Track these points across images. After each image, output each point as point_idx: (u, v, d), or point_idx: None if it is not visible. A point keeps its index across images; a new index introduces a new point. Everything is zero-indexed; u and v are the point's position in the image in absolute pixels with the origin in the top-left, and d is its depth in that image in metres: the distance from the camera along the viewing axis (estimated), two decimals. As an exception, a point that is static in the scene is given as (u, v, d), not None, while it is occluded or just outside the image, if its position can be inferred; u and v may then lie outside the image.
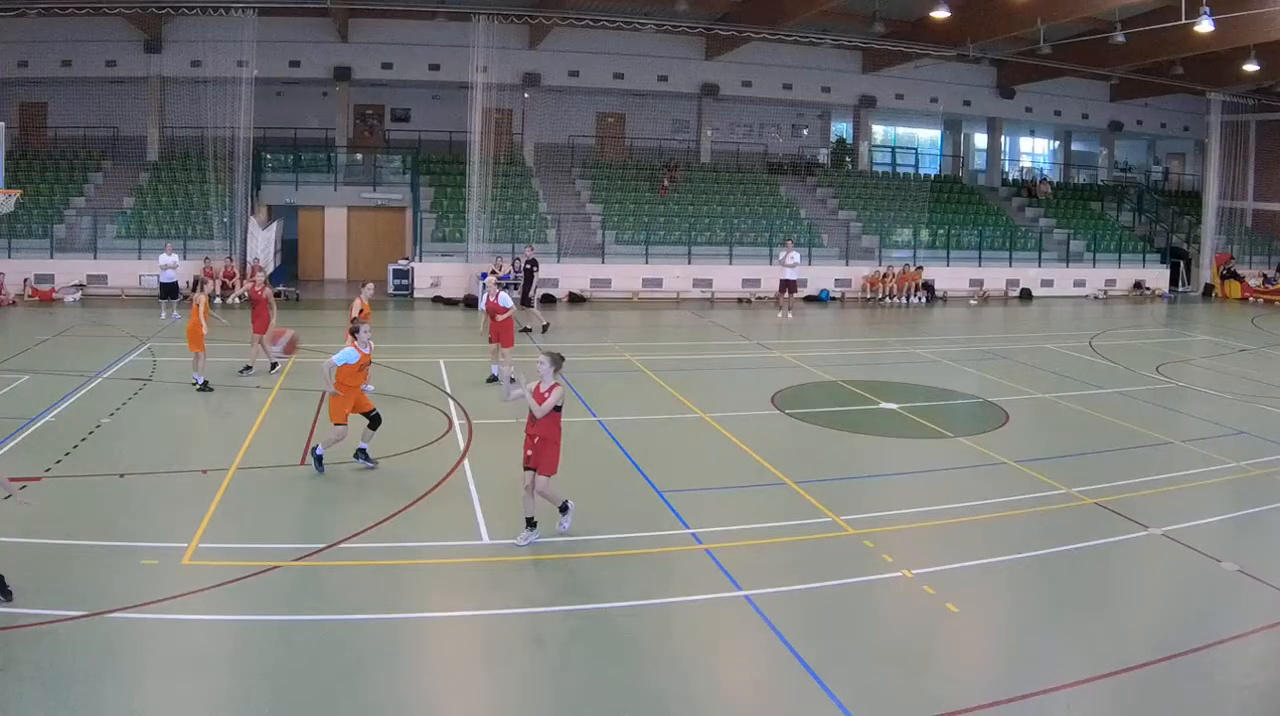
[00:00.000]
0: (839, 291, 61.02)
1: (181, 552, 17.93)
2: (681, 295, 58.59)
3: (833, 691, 13.54)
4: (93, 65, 63.23)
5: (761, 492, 22.36)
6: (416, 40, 63.78)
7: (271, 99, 62.02)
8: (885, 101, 73.43)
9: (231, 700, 13.47)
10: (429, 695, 14.02)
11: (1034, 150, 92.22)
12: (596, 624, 15.87)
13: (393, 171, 65.05)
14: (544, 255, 57.15)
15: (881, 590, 17.30)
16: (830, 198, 69.89)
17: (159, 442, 25.14)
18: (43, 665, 13.83)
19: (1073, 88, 75.64)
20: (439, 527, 20.04)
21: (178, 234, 56.06)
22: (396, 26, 63.42)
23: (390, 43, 64.36)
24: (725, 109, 72.81)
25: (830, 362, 38.09)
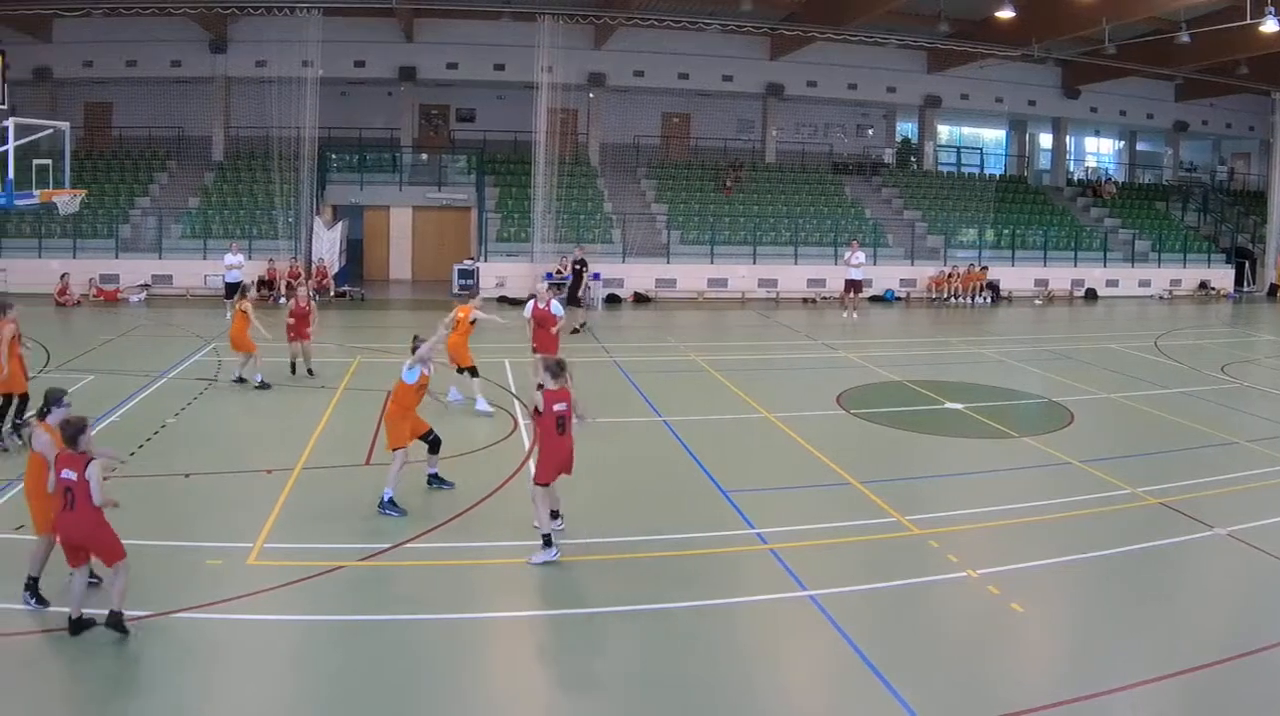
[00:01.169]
0: (904, 291, 60.85)
1: (246, 552, 18.10)
2: (747, 295, 58.50)
3: (898, 691, 13.55)
4: (158, 65, 63.82)
5: (826, 492, 22.35)
6: (481, 40, 63.95)
7: (336, 99, 62.30)
8: (950, 101, 73.15)
9: (296, 700, 13.68)
10: (492, 695, 14.09)
11: (1099, 150, 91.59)
12: (661, 624, 15.92)
13: (458, 171, 65.09)
14: (609, 256, 57.67)
15: (946, 590, 17.29)
16: (895, 198, 69.70)
17: (224, 443, 25.31)
18: (109, 665, 14.06)
19: (1138, 88, 75.11)
20: (503, 527, 20.05)
21: (243, 234, 56.48)
22: (461, 26, 63.64)
23: (455, 43, 64.50)
24: (790, 109, 72.60)
25: (895, 362, 38.09)
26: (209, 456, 23.93)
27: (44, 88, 62.85)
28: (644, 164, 69.32)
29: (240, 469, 23.18)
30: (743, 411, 29.91)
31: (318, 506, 21.06)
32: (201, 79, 64.69)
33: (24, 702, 13.28)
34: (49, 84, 63.31)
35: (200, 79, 64.71)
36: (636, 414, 28.77)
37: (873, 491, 21.95)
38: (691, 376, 35.08)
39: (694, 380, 34.47)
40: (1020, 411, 31.18)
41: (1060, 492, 22.49)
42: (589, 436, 24.87)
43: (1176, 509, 21.20)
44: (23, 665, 14.21)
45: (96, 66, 63.40)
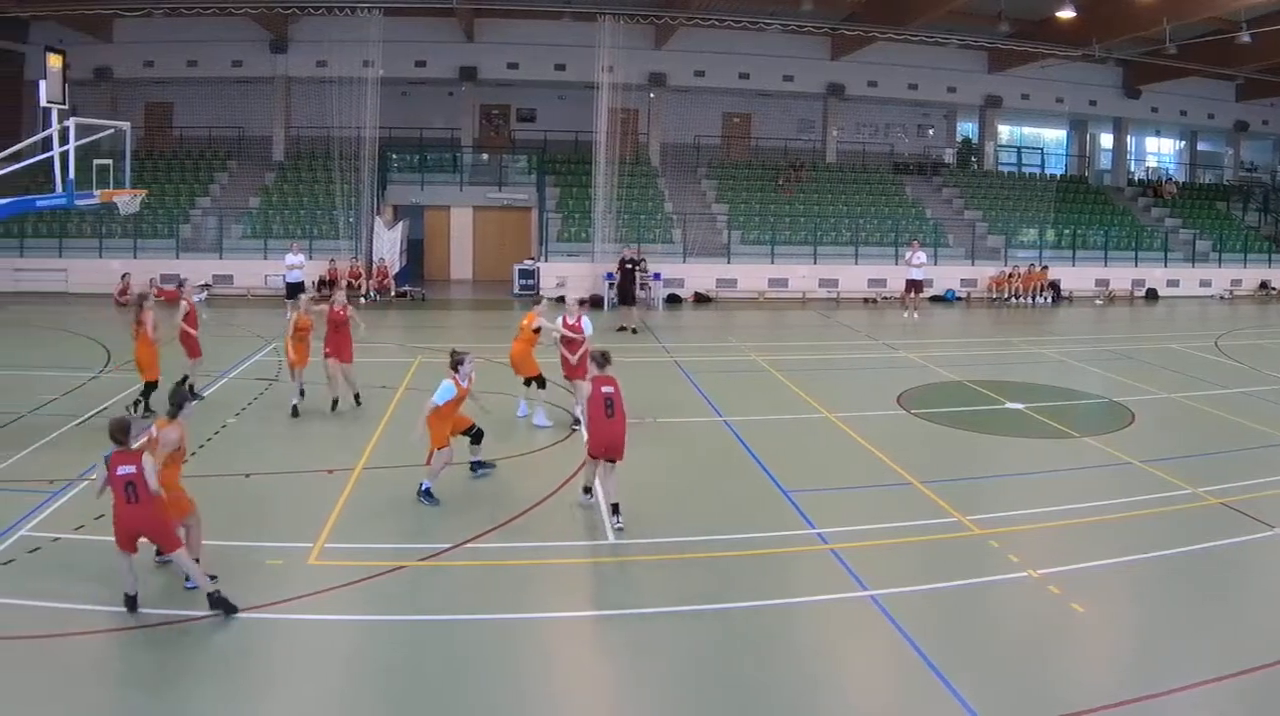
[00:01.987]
0: (964, 291, 60.68)
1: (307, 552, 18.25)
2: (807, 295, 58.40)
3: (958, 691, 13.59)
4: (218, 65, 64.54)
5: (887, 492, 22.37)
6: (542, 40, 64.14)
7: (397, 99, 62.71)
8: (1011, 101, 72.91)
9: (357, 699, 13.78)
10: (552, 695, 14.17)
11: (1159, 150, 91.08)
12: (721, 624, 15.97)
13: (518, 171, 65.44)
14: (670, 256, 57.75)
15: (1007, 590, 17.30)
16: (956, 198, 69.53)
17: (285, 443, 25.54)
18: (170, 665, 14.24)
19: (1199, 88, 74.65)
20: (564, 528, 20.20)
21: (303, 234, 56.82)
22: (522, 26, 63.83)
23: (516, 43, 64.79)
24: (851, 109, 72.49)
25: (956, 362, 38.04)
26: (270, 456, 24.19)
27: (105, 88, 63.59)
28: (704, 164, 69.37)
29: (301, 469, 23.38)
30: (803, 411, 29.93)
31: (379, 506, 21.19)
32: (262, 79, 65.43)
33: (87, 700, 13.51)
34: (110, 84, 64.06)
35: (261, 79, 65.45)
36: (698, 414, 28.82)
37: (933, 491, 21.98)
38: (752, 376, 35.12)
39: (755, 380, 34.50)
40: (1081, 411, 31.06)
41: (1121, 493, 22.44)
42: (651, 436, 25.07)
43: (1237, 509, 21.13)
44: (87, 664, 14.46)
45: (157, 66, 64.17)
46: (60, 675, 14.04)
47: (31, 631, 14.93)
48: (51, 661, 14.36)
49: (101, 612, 15.48)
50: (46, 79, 26.36)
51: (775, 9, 60.25)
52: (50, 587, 16.01)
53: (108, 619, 15.38)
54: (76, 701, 13.45)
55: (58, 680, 13.88)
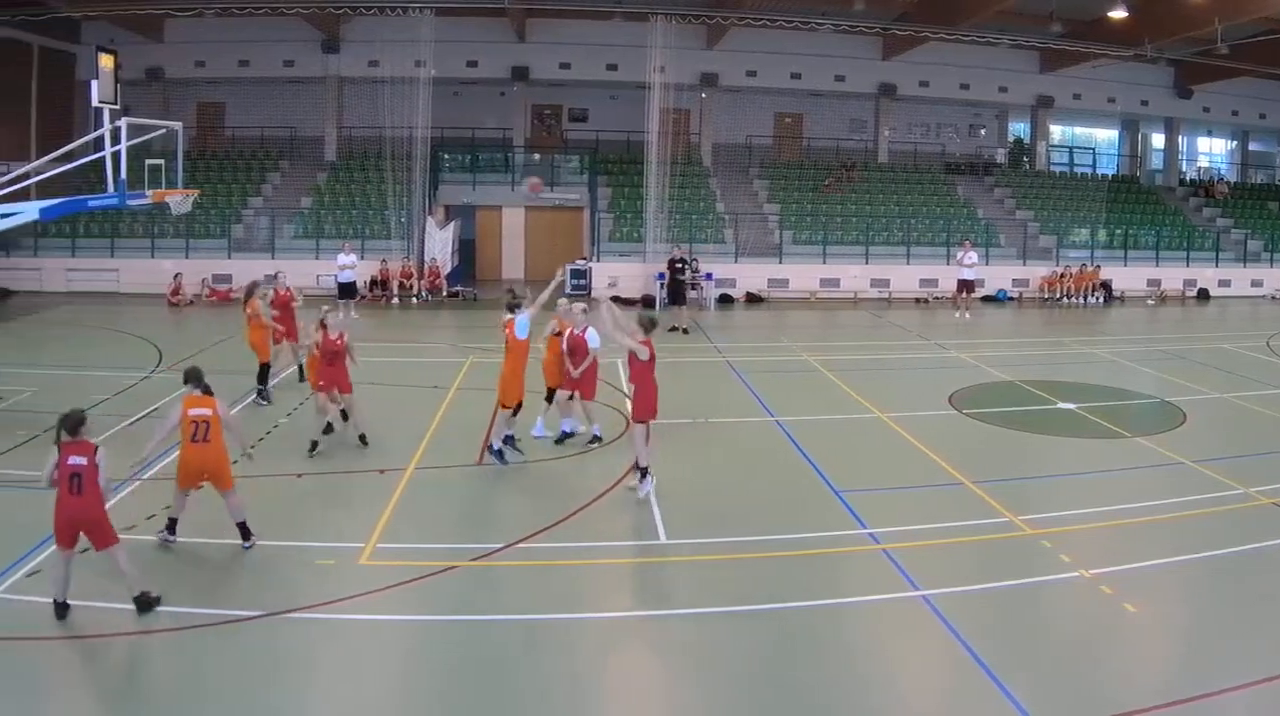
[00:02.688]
0: (1016, 291, 60.43)
1: (358, 553, 18.35)
2: (859, 295, 58.21)
3: (1010, 691, 13.64)
4: (270, 65, 64.94)
5: (939, 492, 22.41)
6: (594, 40, 64.21)
7: (449, 99, 62.59)
8: (1063, 101, 72.58)
9: (409, 699, 13.92)
10: (605, 695, 14.30)
11: (1211, 150, 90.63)
12: (773, 624, 16.04)
13: (570, 171, 65.29)
14: (722, 256, 57.79)
15: (1059, 590, 17.33)
16: (1008, 198, 69.25)
17: (336, 443, 25.44)
18: (222, 665, 14.36)
19: (1250, 87, 74.01)
20: (616, 527, 20.34)
21: (355, 234, 56.94)
22: (574, 26, 63.93)
23: (568, 43, 64.89)
24: (902, 109, 72.29)
25: (1007, 362, 37.94)
26: (321, 456, 24.28)
27: (156, 88, 64.03)
28: (756, 164, 69.37)
29: (352, 469, 23.50)
30: (855, 411, 29.98)
31: (430, 506, 21.35)
32: (314, 79, 65.78)
33: (135, 701, 13.70)
34: (161, 84, 64.49)
35: (313, 79, 65.78)
36: (750, 414, 28.85)
37: (985, 491, 22.02)
38: (804, 376, 35.14)
39: (807, 380, 34.53)
40: (1133, 411, 30.99)
41: (1173, 493, 22.42)
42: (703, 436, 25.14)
43: (1290, 510, 21.08)
44: (134, 664, 14.67)
45: (209, 66, 64.61)
46: (111, 674, 14.38)
47: (83, 631, 15.16)
48: (98, 662, 14.66)
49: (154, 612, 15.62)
50: (98, 79, 26.53)
51: (827, 9, 60.16)
52: (98, 587, 16.10)
53: (156, 619, 15.56)
54: (122, 702, 13.72)
55: (109, 679, 14.22)
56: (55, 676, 14.16)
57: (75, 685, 14.03)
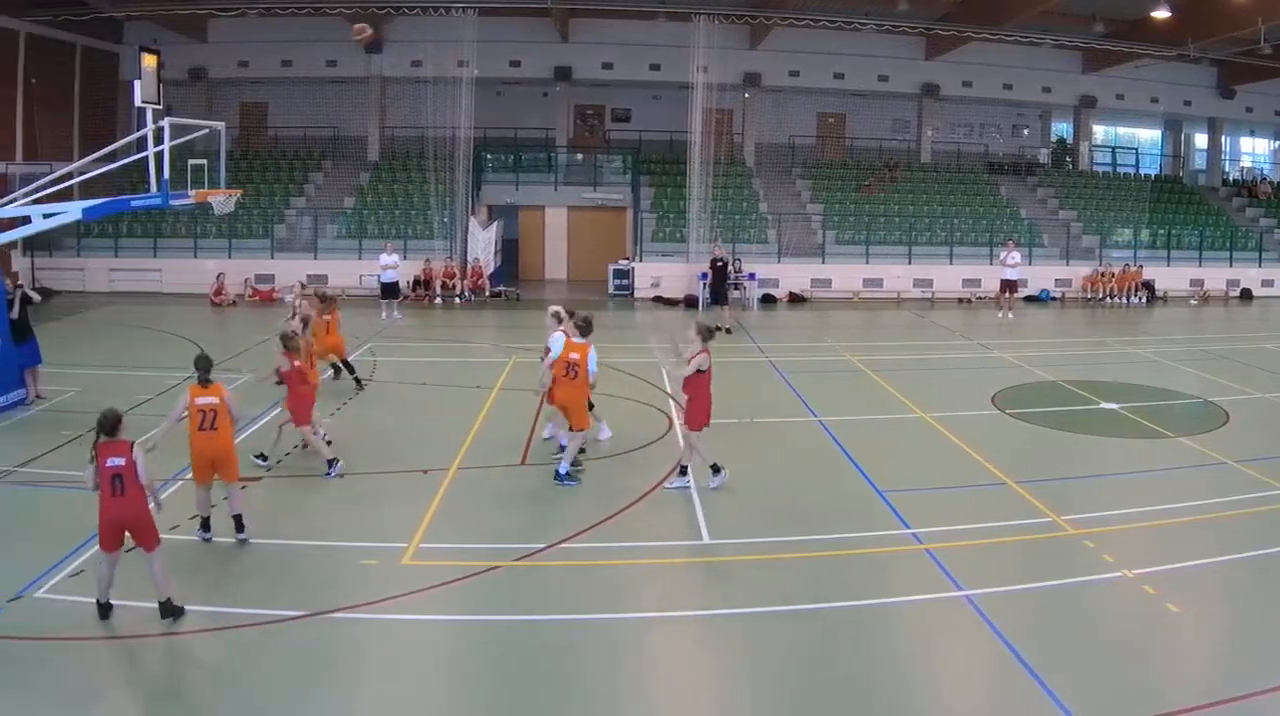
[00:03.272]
0: (1059, 291, 60.29)
1: (401, 553, 18.44)
2: (902, 295, 58.16)
3: (1053, 691, 13.67)
4: (313, 65, 65.08)
5: (982, 492, 22.44)
6: (637, 40, 64.15)
7: (492, 99, 63.14)
8: (1106, 101, 72.23)
9: (451, 699, 14.04)
10: (647, 696, 14.35)
11: (1254, 150, 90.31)
12: (816, 624, 16.10)
13: (613, 171, 65.44)
14: (765, 256, 57.89)
15: (1102, 590, 17.32)
16: (1050, 198, 68.98)
17: (379, 443, 25.71)
18: (266, 665, 14.51)
19: (1293, 87, 74.15)
20: (659, 527, 20.33)
21: (398, 234, 57.19)
22: (617, 26, 63.92)
23: (611, 43, 64.88)
24: (945, 109, 72.07)
25: (1050, 362, 37.93)
26: (364, 456, 24.33)
27: (200, 88, 64.51)
28: (799, 164, 69.34)
29: (396, 469, 23.57)
30: (898, 411, 30.00)
31: (473, 506, 21.43)
32: (357, 79, 65.96)
33: (177, 702, 13.80)
34: (205, 84, 64.98)
35: (355, 79, 65.98)
36: (793, 414, 28.89)
37: (1028, 491, 22.06)
38: (847, 376, 35.16)
39: (849, 380, 34.56)
40: (1176, 411, 30.93)
41: (1216, 492, 22.40)
42: (746, 436, 25.17)
43: (1334, 510, 21.04)
44: (179, 664, 14.78)
45: (252, 66, 64.94)
46: (154, 674, 14.50)
47: (126, 631, 15.28)
48: (146, 660, 14.78)
49: (194, 612, 15.75)
50: (141, 79, 26.71)
51: (870, 9, 60.12)
52: (145, 587, 16.18)
53: (200, 619, 15.67)
54: (167, 701, 13.82)
55: (152, 679, 14.34)
56: (98, 677, 14.28)
57: (118, 686, 14.17)
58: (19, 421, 27.23)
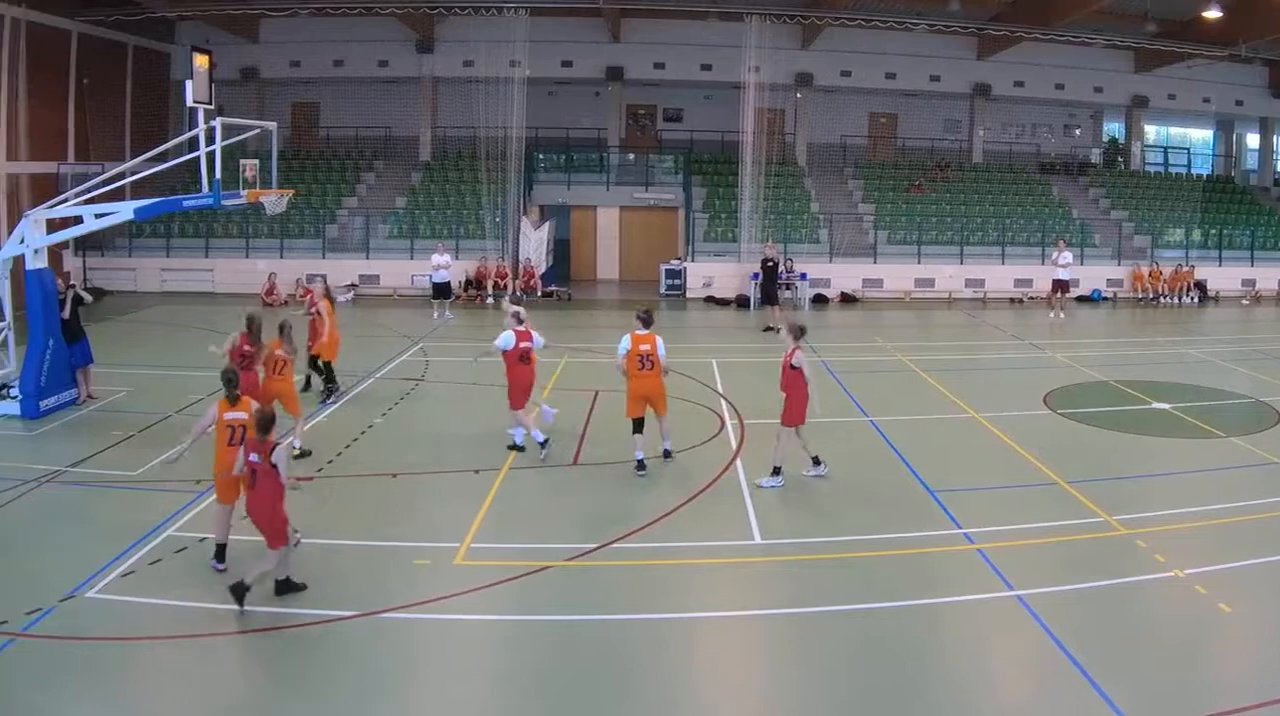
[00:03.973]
0: (1111, 291, 60.12)
1: (453, 552, 18.59)
2: (953, 295, 58.06)
3: (1105, 690, 13.70)
4: (364, 65, 65.20)
5: (1033, 492, 22.47)
6: (688, 40, 64.11)
7: (543, 99, 63.17)
8: (1157, 101, 71.76)
9: (503, 699, 14.14)
10: (700, 695, 14.42)
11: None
12: (868, 623, 16.19)
13: (665, 171, 65.40)
14: (816, 256, 57.71)
15: (1154, 590, 17.35)
16: (1102, 198, 68.68)
17: (431, 443, 25.92)
18: (317, 665, 14.68)
19: (1345, 87, 73.67)
20: (711, 527, 20.40)
21: (450, 234, 57.34)
22: (668, 27, 63.87)
23: (662, 43, 64.78)
24: (997, 109, 71.73)
25: (1102, 362, 37.85)
26: (416, 456, 24.55)
27: (251, 88, 64.78)
28: (851, 164, 69.21)
29: (447, 469, 23.72)
30: (949, 411, 30.07)
31: (524, 506, 21.57)
32: (408, 79, 66.05)
33: (232, 700, 13.97)
34: (256, 84, 65.25)
35: (407, 79, 66.07)
36: (844, 414, 28.89)
37: (1080, 491, 22.08)
38: (899, 376, 35.18)
39: (901, 380, 34.58)
40: (1227, 411, 30.74)
41: (1268, 492, 22.38)
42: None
43: (1386, 510, 21.01)
44: (233, 663, 15.00)
45: (303, 67, 65.11)
46: (205, 674, 14.56)
47: (177, 631, 15.43)
48: (197, 661, 14.89)
49: (246, 612, 15.92)
50: (193, 79, 26.94)
51: (922, 9, 60.01)
52: (196, 587, 16.52)
53: (252, 619, 15.83)
54: (221, 701, 13.93)
55: (203, 679, 14.40)
56: (150, 677, 14.47)
57: (170, 686, 14.29)
58: (71, 421, 27.53)
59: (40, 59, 50.81)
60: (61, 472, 22.39)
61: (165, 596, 16.28)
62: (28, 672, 14.16)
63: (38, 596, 16.17)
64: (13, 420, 27.30)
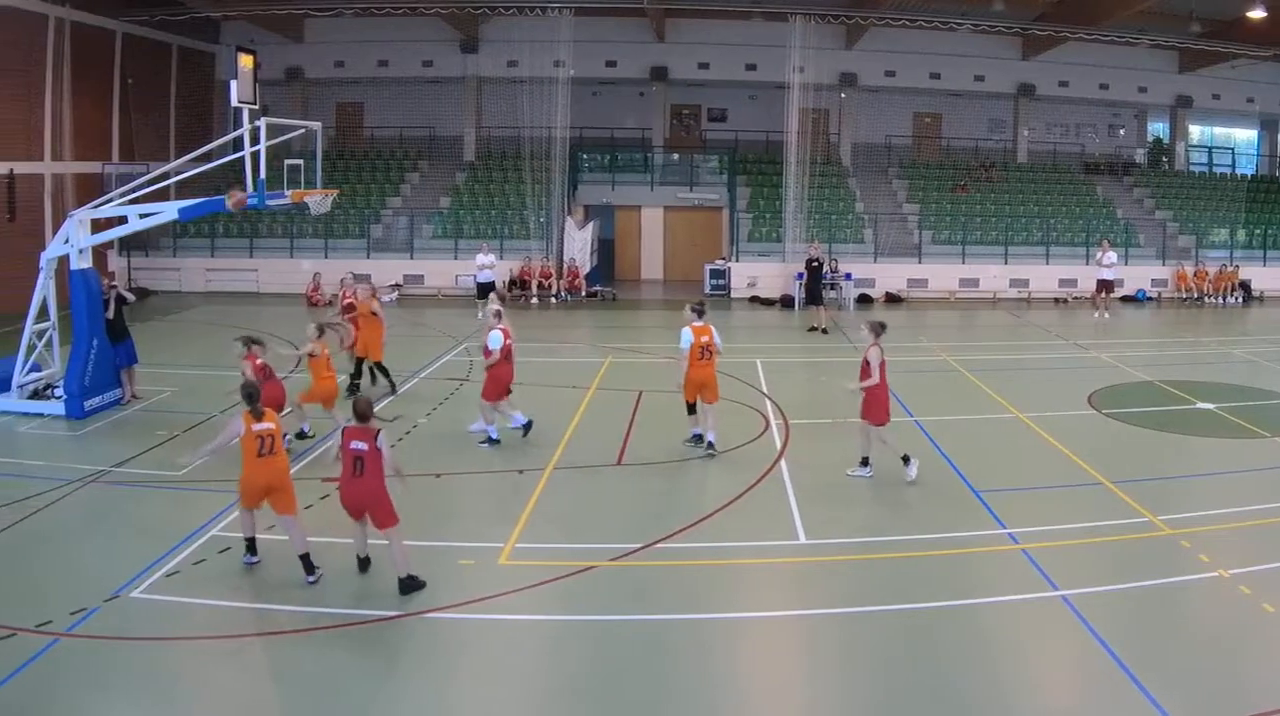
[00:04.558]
0: (1155, 291, 59.98)
1: (498, 552, 18.74)
2: (998, 295, 57.93)
3: (1149, 690, 13.76)
4: (409, 65, 65.72)
5: (1078, 492, 22.51)
6: (733, 40, 64.29)
7: (588, 99, 63.45)
8: (1202, 101, 71.47)
9: (546, 699, 14.23)
10: (742, 695, 14.52)
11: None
12: (912, 623, 16.28)
13: (709, 171, 65.30)
14: (861, 256, 57.83)
15: (1198, 590, 17.42)
16: (1147, 198, 68.36)
17: (475, 443, 25.90)
18: (362, 664, 14.79)
19: (1389, 86, 73.35)
20: (755, 527, 20.49)
21: (494, 234, 57.47)
22: (712, 27, 64.05)
23: (706, 43, 64.99)
24: (1041, 108, 71.50)
25: (1146, 362, 37.81)
26: (460, 456, 24.71)
27: (296, 88, 65.42)
28: (895, 164, 69.17)
29: (491, 469, 23.93)
30: (994, 411, 30.14)
31: (569, 506, 21.71)
32: (453, 79, 66.51)
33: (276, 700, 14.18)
34: (301, 84, 65.90)
35: (451, 79, 66.52)
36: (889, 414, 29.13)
37: (1124, 491, 22.14)
38: (943, 376, 35.18)
39: (945, 380, 34.59)
40: (1272, 411, 30.57)
41: (1313, 493, 22.33)
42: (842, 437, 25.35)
43: None
44: (277, 664, 15.10)
45: (348, 66, 65.75)
46: (249, 675, 14.74)
47: (221, 631, 15.63)
48: (240, 661, 15.05)
49: (291, 612, 16.20)
50: (238, 79, 27.16)
51: (966, 9, 59.79)
52: (240, 588, 16.79)
53: (298, 619, 16.06)
54: (265, 701, 14.14)
55: (247, 680, 14.58)
56: (193, 677, 14.63)
57: (213, 686, 14.45)
58: (115, 421, 27.86)
59: (85, 59, 51.31)
60: (106, 473, 22.65)
61: (209, 596, 16.53)
62: (72, 673, 14.33)
63: (82, 596, 16.40)
64: (57, 420, 27.63)
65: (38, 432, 26.78)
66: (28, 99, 47.77)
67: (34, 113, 48.27)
